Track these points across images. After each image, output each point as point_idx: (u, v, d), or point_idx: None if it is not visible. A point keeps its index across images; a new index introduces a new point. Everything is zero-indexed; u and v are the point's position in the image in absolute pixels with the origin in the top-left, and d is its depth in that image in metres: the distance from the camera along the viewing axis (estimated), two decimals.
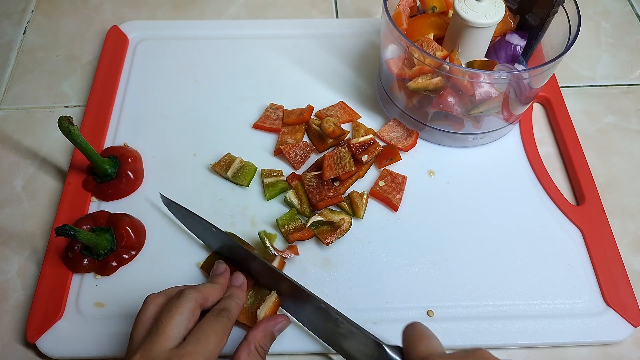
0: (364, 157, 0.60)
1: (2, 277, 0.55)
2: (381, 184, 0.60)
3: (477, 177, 0.62)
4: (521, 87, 0.57)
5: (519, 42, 0.60)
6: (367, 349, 0.45)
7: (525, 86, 0.57)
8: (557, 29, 0.58)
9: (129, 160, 0.60)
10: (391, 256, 0.56)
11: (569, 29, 0.56)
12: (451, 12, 0.58)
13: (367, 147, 0.61)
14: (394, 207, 0.59)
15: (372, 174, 0.62)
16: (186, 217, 0.55)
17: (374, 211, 0.59)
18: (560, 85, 0.71)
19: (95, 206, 0.59)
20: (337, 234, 0.56)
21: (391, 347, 0.43)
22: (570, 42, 0.54)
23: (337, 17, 0.80)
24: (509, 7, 0.61)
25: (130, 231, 0.55)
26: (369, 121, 0.66)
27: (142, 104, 0.68)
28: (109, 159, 0.59)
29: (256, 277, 0.52)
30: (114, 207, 0.59)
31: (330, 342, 0.49)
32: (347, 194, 0.60)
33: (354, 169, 0.58)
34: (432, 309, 0.53)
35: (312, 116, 0.66)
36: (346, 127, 0.66)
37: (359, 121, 0.66)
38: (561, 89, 0.70)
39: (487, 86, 0.54)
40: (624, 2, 0.83)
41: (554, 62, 0.52)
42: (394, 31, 0.54)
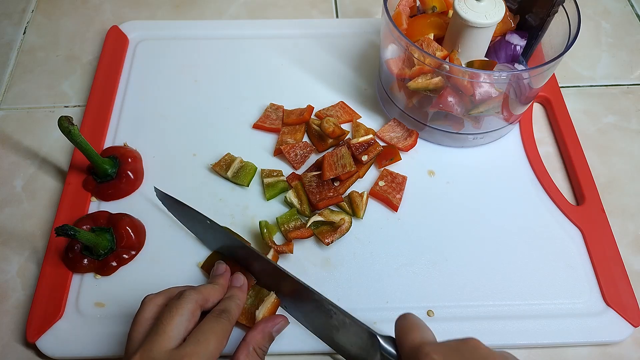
0: (364, 157, 0.60)
1: (2, 277, 0.55)
2: (381, 184, 0.60)
3: (477, 177, 0.62)
4: (521, 87, 0.57)
5: (519, 42, 0.60)
6: (361, 341, 0.45)
7: (525, 86, 0.57)
8: (557, 29, 0.58)
9: (129, 160, 0.60)
10: (391, 256, 0.56)
11: (569, 29, 0.56)
12: (451, 12, 0.58)
13: (367, 147, 0.61)
14: (394, 207, 0.59)
15: (372, 174, 0.62)
16: (180, 212, 0.56)
17: (374, 211, 0.59)
18: (560, 85, 0.71)
19: (95, 206, 0.59)
20: (337, 234, 0.56)
21: (384, 337, 0.43)
22: (570, 42, 0.54)
23: (337, 17, 0.80)
24: (509, 7, 0.61)
25: (130, 231, 0.55)
26: (369, 121, 0.66)
27: (142, 104, 0.68)
28: (109, 159, 0.59)
29: (249, 269, 0.52)
30: (114, 207, 0.59)
31: (326, 338, 0.49)
32: (347, 194, 0.60)
33: (354, 169, 0.58)
34: (432, 309, 0.53)
35: (312, 116, 0.66)
36: (346, 127, 0.66)
37: (359, 121, 0.66)
38: (561, 89, 0.70)
39: (487, 86, 0.54)
40: (624, 2, 0.83)
41: (554, 62, 0.52)
42: (394, 31, 0.54)
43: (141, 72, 0.71)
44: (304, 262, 0.55)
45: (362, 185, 0.61)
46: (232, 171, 0.60)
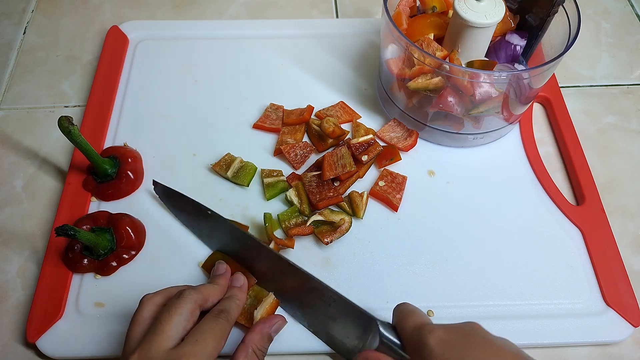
0: (364, 157, 0.60)
1: (2, 277, 0.55)
2: (381, 184, 0.60)
3: (477, 177, 0.62)
4: (521, 87, 0.57)
5: (519, 42, 0.60)
6: (359, 329, 0.46)
7: (525, 86, 0.57)
8: (557, 29, 0.58)
9: (129, 160, 0.60)
10: (391, 256, 0.56)
11: (569, 29, 0.56)
12: (451, 12, 0.58)
13: (367, 147, 0.61)
14: (394, 207, 0.59)
15: (372, 174, 0.62)
16: (181, 206, 0.56)
17: (374, 211, 0.59)
18: (560, 85, 0.71)
19: (95, 206, 0.59)
20: (336, 234, 0.56)
21: (383, 322, 0.44)
22: (570, 42, 0.54)
23: (337, 17, 0.80)
24: (509, 7, 0.61)
25: (130, 231, 0.55)
26: (369, 121, 0.66)
27: (142, 104, 0.68)
28: (109, 159, 0.59)
29: (250, 265, 0.52)
30: (114, 207, 0.59)
31: (323, 333, 0.50)
32: (347, 194, 0.60)
33: (354, 169, 0.58)
34: (432, 309, 0.53)
35: (312, 116, 0.66)
36: (346, 127, 0.66)
37: (359, 121, 0.66)
38: (561, 89, 0.70)
39: (487, 86, 0.53)
40: (624, 2, 0.83)
41: (554, 62, 0.52)
42: (394, 31, 0.54)
43: (141, 72, 0.71)
44: (304, 262, 0.55)
45: (362, 185, 0.61)
46: (232, 171, 0.60)
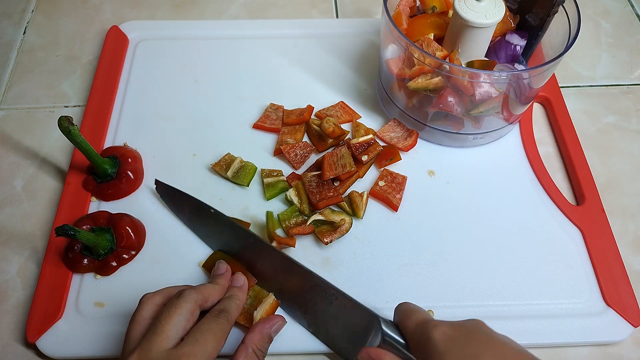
0: (364, 157, 0.60)
1: (2, 277, 0.55)
2: (381, 184, 0.60)
3: (477, 177, 0.62)
4: (521, 87, 0.57)
5: (519, 42, 0.60)
6: (360, 326, 0.46)
7: (525, 86, 0.57)
8: (557, 29, 0.58)
9: (129, 160, 0.60)
10: (391, 256, 0.56)
11: (569, 29, 0.56)
12: (451, 12, 0.58)
13: (367, 147, 0.61)
14: (394, 207, 0.59)
15: (372, 174, 0.62)
16: (182, 205, 0.56)
17: (374, 211, 0.59)
18: (560, 85, 0.71)
19: (95, 206, 0.59)
20: (336, 234, 0.56)
21: (385, 320, 0.44)
22: (570, 42, 0.54)
23: (337, 17, 0.80)
24: (509, 7, 0.61)
25: (130, 231, 0.55)
26: (369, 121, 0.66)
27: (142, 104, 0.68)
28: (109, 159, 0.59)
29: (252, 264, 0.52)
30: (114, 207, 0.59)
31: (323, 333, 0.49)
32: (347, 194, 0.60)
33: (354, 169, 0.58)
34: (432, 309, 0.53)
35: (312, 116, 0.66)
36: (346, 127, 0.66)
37: (359, 121, 0.66)
38: (561, 89, 0.70)
39: (487, 86, 0.53)
40: (624, 2, 0.83)
41: (554, 62, 0.52)
42: (394, 31, 0.54)
43: (141, 72, 0.71)
44: (304, 262, 0.55)
45: (362, 185, 0.61)
46: (232, 171, 0.60)
